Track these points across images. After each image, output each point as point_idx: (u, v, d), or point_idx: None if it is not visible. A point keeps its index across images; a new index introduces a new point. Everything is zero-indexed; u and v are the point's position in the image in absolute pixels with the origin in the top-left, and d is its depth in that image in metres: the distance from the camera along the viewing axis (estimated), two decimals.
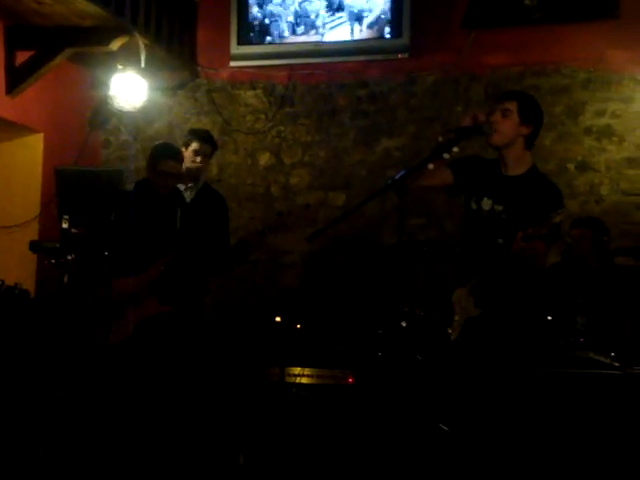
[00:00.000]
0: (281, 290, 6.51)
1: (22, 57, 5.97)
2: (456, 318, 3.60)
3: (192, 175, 4.90)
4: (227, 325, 5.96)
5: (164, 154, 4.53)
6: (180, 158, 4.63)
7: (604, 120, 6.14)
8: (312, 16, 6.62)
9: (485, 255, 3.52)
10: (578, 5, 5.99)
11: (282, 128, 6.86)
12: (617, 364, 4.16)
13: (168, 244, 4.45)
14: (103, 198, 4.67)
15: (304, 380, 4.77)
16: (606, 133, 6.13)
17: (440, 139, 3.51)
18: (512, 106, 3.59)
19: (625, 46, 5.99)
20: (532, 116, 3.63)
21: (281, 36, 6.69)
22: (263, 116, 6.91)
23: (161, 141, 5.03)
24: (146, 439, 4.20)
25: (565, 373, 4.10)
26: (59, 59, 6.03)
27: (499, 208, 3.56)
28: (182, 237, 4.51)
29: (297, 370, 4.80)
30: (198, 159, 4.89)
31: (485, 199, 3.63)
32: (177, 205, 4.62)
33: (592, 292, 4.96)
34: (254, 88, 6.92)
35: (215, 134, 6.88)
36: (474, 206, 3.66)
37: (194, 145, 4.88)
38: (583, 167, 6.16)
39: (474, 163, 3.75)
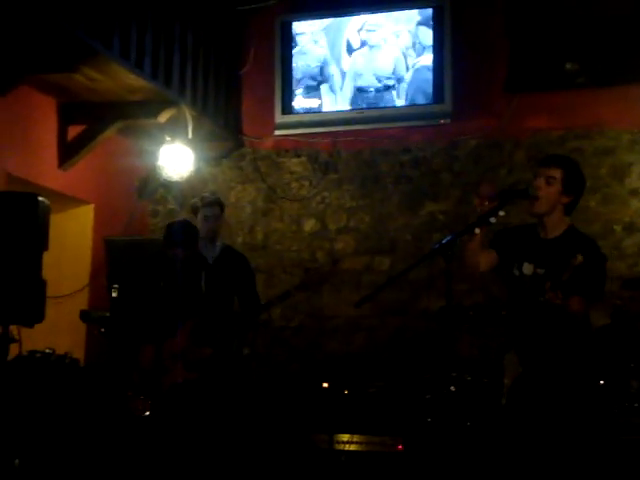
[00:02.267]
0: (327, 355, 6.49)
1: (74, 131, 6.16)
2: (506, 382, 3.57)
3: (209, 238, 5.09)
4: (274, 391, 5.95)
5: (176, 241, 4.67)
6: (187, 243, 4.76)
7: None
8: (354, 84, 6.72)
9: (528, 315, 3.50)
10: (620, 69, 6.02)
11: (326, 194, 6.93)
12: None
13: (193, 308, 4.53)
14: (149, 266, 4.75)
15: (353, 447, 4.72)
16: None
17: (486, 203, 3.52)
18: (557, 174, 3.57)
19: None
20: (575, 186, 3.62)
21: (324, 104, 6.80)
22: (307, 183, 6.99)
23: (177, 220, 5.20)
24: None
25: (622, 440, 4.00)
26: (109, 132, 6.21)
27: (541, 272, 3.55)
28: (206, 300, 4.58)
29: (346, 437, 4.76)
30: (210, 224, 5.08)
31: (526, 264, 3.62)
32: (201, 268, 4.72)
33: None
34: (298, 156, 7.02)
35: (260, 201, 7.06)
36: (516, 272, 3.66)
37: (202, 212, 5.10)
38: (631, 228, 6.11)
39: (510, 233, 3.77)
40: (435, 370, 5.13)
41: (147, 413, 4.31)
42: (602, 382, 4.33)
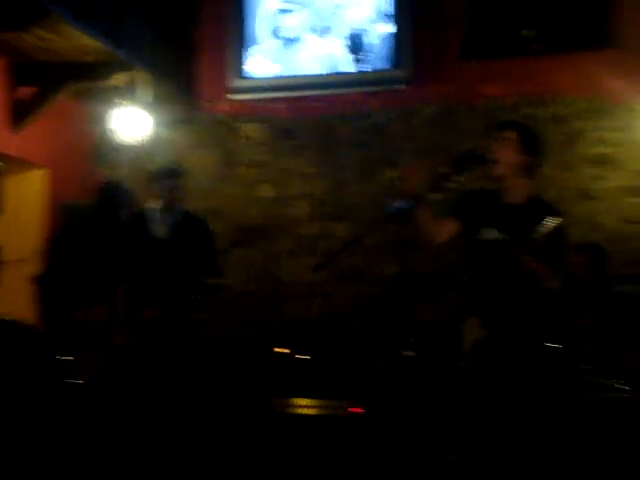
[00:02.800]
0: (285, 321, 6.50)
1: (26, 93, 6.03)
2: (465, 346, 3.60)
3: (169, 207, 5.11)
4: (231, 356, 5.95)
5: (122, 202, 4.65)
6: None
7: (603, 149, 6.19)
8: (312, 49, 6.68)
9: (492, 280, 3.53)
10: (575, 35, 6.07)
11: (283, 160, 6.90)
12: (627, 388, 4.18)
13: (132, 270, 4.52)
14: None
15: (310, 411, 4.75)
16: (605, 161, 6.18)
17: (442, 169, 3.54)
18: (512, 135, 3.62)
19: (622, 75, 6.04)
20: (532, 145, 3.66)
21: (281, 68, 6.75)
22: (264, 148, 6.95)
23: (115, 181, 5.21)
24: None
25: (576, 397, 4.10)
26: (62, 95, 6.10)
27: (505, 237, 3.58)
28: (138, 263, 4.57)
29: (303, 401, 4.79)
30: (170, 194, 5.08)
31: (489, 229, 3.64)
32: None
33: (593, 318, 4.97)
34: (255, 121, 6.97)
35: (216, 167, 7.01)
36: (480, 237, 3.68)
37: (162, 183, 5.08)
38: (583, 195, 6.20)
39: (472, 198, 3.78)
40: (392, 335, 5.18)
41: (89, 377, 4.28)
42: (558, 345, 4.41)
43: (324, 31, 6.65)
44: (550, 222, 3.25)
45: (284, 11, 6.76)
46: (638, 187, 6.11)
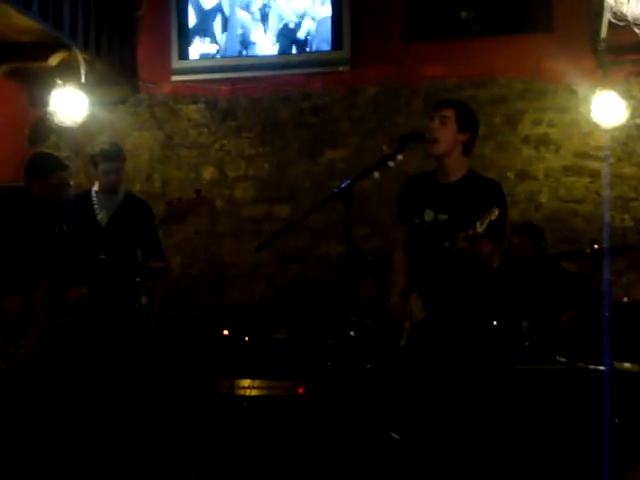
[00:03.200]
0: (229, 303, 6.48)
1: None
2: (405, 324, 3.64)
3: (110, 190, 5.06)
4: (175, 340, 5.92)
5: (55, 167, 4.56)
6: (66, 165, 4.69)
7: (541, 129, 6.29)
8: (253, 30, 6.63)
9: (432, 259, 3.58)
10: (514, 18, 6.13)
11: (225, 142, 6.85)
12: (564, 359, 4.29)
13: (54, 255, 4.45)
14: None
15: (254, 392, 4.76)
16: (543, 142, 6.28)
17: (385, 148, 3.57)
18: (450, 113, 3.68)
19: (559, 57, 6.11)
20: (469, 123, 3.72)
21: (223, 49, 6.69)
22: (206, 130, 6.89)
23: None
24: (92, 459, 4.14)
25: (515, 370, 4.19)
26: None
27: (443, 217, 3.63)
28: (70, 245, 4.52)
29: (247, 382, 4.79)
30: (111, 177, 5.02)
31: (427, 210, 3.70)
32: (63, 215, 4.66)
33: (533, 296, 5.06)
34: (196, 102, 6.90)
35: (157, 149, 6.93)
36: (417, 220, 3.73)
37: (102, 166, 5.01)
38: (522, 175, 6.30)
39: (409, 187, 3.85)
40: (336, 315, 5.20)
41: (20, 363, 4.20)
42: (495, 322, 4.49)
43: (264, 12, 6.60)
44: (494, 213, 3.29)
45: None
46: (576, 167, 6.22)
